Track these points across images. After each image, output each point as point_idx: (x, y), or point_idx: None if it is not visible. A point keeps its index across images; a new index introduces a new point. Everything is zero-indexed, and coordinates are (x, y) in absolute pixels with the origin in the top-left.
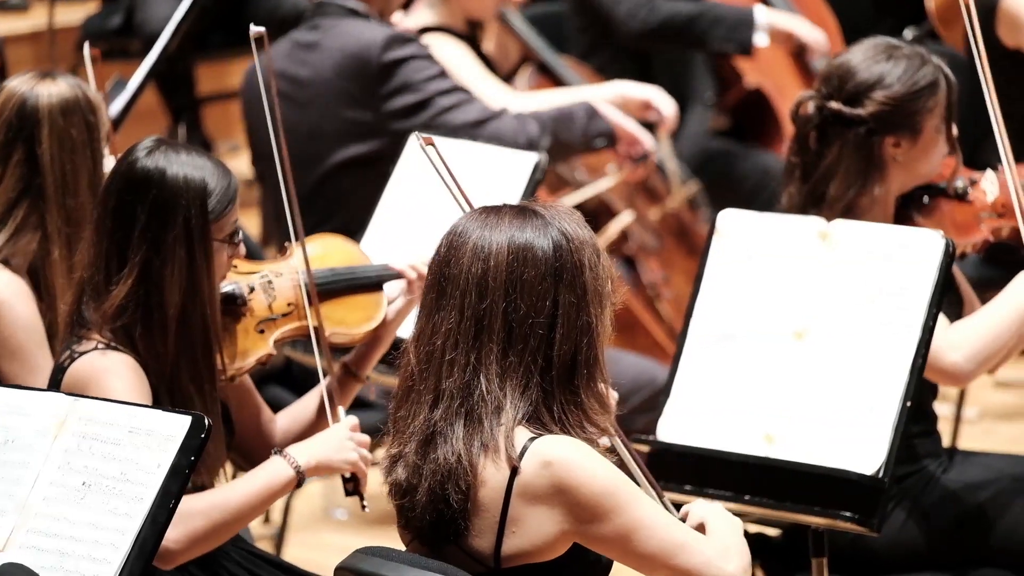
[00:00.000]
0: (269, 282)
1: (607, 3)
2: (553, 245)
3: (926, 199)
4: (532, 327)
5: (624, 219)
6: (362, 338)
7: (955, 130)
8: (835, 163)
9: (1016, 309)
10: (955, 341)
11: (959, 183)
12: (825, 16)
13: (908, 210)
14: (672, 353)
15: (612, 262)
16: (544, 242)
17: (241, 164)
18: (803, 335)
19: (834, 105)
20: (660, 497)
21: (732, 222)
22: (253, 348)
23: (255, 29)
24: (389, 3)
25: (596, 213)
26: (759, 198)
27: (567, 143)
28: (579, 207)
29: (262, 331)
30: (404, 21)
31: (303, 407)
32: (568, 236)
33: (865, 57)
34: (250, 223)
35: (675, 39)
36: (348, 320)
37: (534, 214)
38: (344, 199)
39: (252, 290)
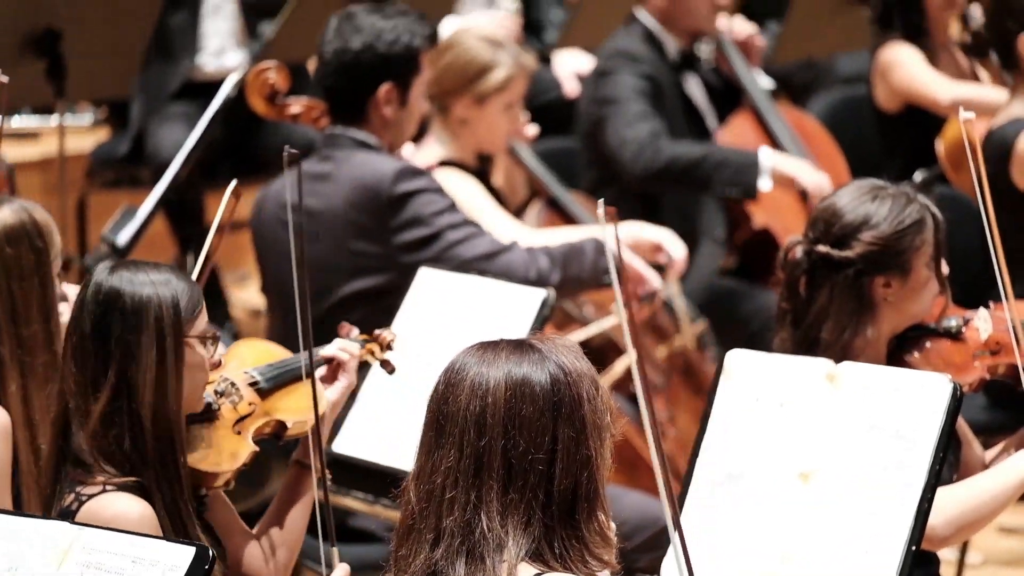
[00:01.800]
0: (232, 384)
1: (612, 145)
2: (551, 379)
3: (919, 341)
4: (532, 463)
5: (630, 356)
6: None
7: (945, 268)
8: (826, 307)
9: (1003, 487)
10: (937, 506)
11: (952, 322)
12: (836, 158)
13: (901, 351)
14: (677, 492)
15: (614, 397)
16: (542, 376)
17: (250, 294)
18: (809, 477)
19: (822, 248)
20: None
21: (740, 362)
22: (239, 449)
23: (290, 151)
24: (399, 136)
25: (603, 350)
26: (766, 338)
27: (576, 278)
28: (585, 344)
29: (239, 432)
30: (415, 155)
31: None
32: (566, 369)
33: (851, 199)
34: None
35: (679, 182)
36: (303, 406)
37: (531, 348)
38: None
39: (219, 395)
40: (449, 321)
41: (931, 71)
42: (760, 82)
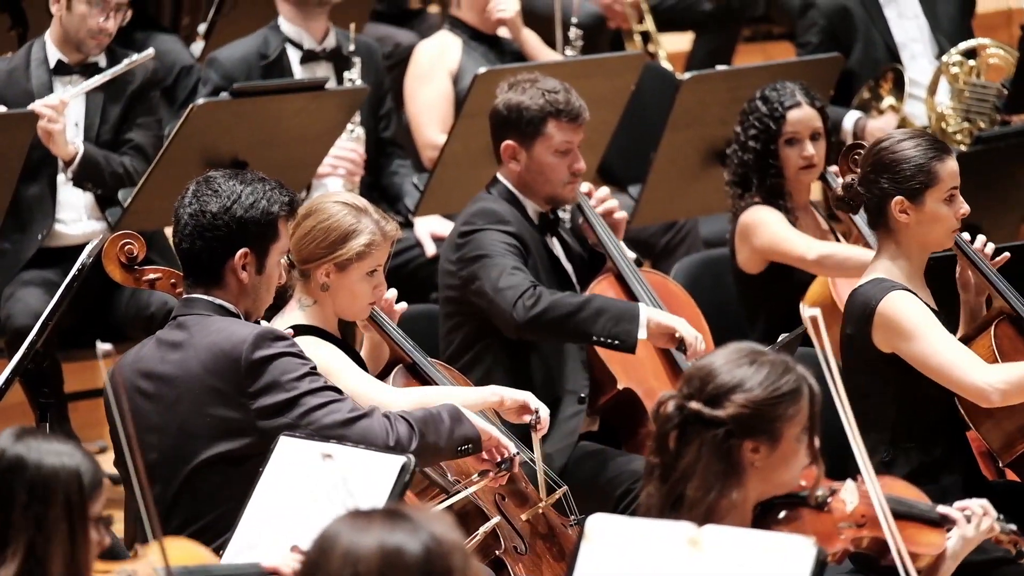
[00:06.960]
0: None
1: (489, 295)
2: (424, 549)
3: (784, 510)
4: None
5: (493, 521)
6: None
7: (817, 441)
8: (693, 464)
9: None
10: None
11: (819, 492)
12: (698, 321)
13: (767, 518)
14: None
15: (481, 565)
16: (415, 546)
17: (109, 463)
18: None
19: (694, 405)
20: None
21: (602, 527)
22: None
23: (102, 347)
24: (257, 303)
25: (466, 515)
26: (629, 502)
27: (435, 446)
28: (449, 509)
29: None
30: (275, 321)
31: None
32: (438, 540)
33: (728, 360)
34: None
35: (560, 329)
36: None
37: (404, 517)
38: (212, 498)
39: None
40: (308, 490)
41: (794, 230)
42: (625, 252)
